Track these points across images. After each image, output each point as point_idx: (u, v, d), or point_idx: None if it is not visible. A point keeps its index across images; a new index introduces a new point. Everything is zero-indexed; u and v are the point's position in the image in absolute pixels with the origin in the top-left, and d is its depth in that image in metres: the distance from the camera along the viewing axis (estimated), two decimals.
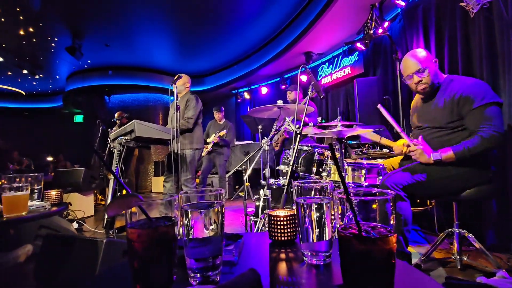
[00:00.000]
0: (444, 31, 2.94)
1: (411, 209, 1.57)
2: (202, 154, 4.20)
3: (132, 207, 0.44)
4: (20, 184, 1.24)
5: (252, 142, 6.53)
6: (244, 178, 2.43)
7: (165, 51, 7.37)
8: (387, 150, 2.98)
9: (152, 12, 5.29)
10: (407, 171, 1.58)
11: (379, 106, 1.75)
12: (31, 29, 5.74)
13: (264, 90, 7.81)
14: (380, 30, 3.30)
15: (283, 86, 7.04)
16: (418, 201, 2.45)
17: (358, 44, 4.29)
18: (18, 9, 4.89)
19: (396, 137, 3.12)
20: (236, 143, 5.99)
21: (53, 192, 1.58)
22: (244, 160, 2.64)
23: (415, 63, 1.68)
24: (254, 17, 5.66)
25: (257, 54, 7.18)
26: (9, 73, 7.98)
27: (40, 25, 5.62)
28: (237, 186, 6.30)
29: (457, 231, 1.77)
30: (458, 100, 1.56)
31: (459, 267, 1.75)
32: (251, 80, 8.10)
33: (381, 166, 1.70)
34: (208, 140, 4.41)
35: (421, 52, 1.70)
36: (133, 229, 0.43)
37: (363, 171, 1.77)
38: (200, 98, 3.34)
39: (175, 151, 2.91)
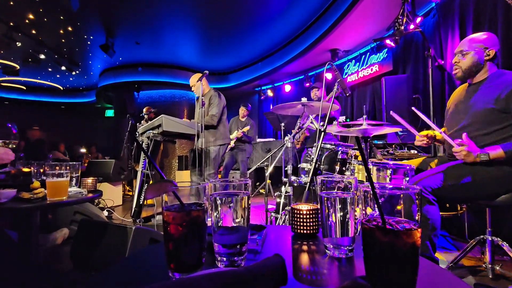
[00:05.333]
0: (483, 27, 2.77)
1: (440, 213, 1.50)
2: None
3: (168, 192, 0.48)
4: (62, 171, 1.35)
5: (274, 139, 6.53)
6: (266, 175, 2.45)
7: (191, 49, 7.56)
8: (415, 152, 2.86)
9: (180, 10, 5.45)
10: (438, 174, 1.51)
11: (413, 108, 1.69)
12: (69, 28, 6.14)
13: (287, 88, 7.76)
14: (412, 26, 3.15)
15: (307, 84, 6.95)
16: (448, 205, 2.33)
17: (388, 41, 4.14)
18: (59, 9, 5.25)
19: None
20: (258, 140, 6.03)
21: (89, 180, 1.70)
22: (266, 157, 2.66)
23: (464, 43, 1.59)
24: (279, 14, 5.63)
25: (281, 51, 7.14)
26: (49, 69, 8.60)
27: (78, 24, 6.00)
28: (257, 183, 6.34)
29: (490, 239, 1.67)
30: (508, 94, 1.45)
31: (490, 276, 1.66)
32: (274, 78, 8.08)
33: (408, 167, 1.63)
34: (231, 136, 4.48)
35: (482, 36, 1.57)
36: (168, 211, 0.47)
37: (389, 172, 1.71)
38: (223, 95, 3.39)
39: (199, 147, 3.00)
